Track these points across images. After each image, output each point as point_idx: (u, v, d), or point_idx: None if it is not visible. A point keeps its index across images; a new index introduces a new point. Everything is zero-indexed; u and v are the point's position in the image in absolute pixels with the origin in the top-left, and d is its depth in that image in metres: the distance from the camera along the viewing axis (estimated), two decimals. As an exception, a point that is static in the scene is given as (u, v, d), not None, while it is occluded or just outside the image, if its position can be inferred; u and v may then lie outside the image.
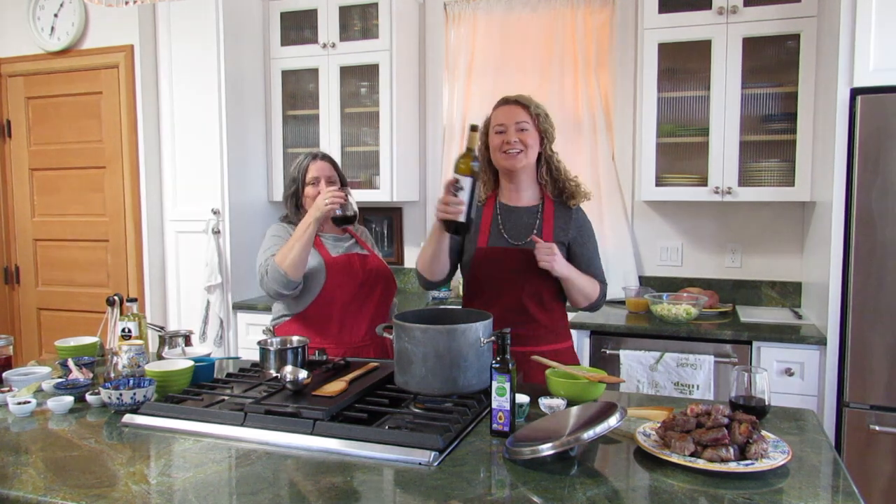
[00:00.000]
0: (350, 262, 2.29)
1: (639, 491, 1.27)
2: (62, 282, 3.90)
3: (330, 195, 2.10)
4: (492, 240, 2.14)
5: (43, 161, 3.88)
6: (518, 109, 2.11)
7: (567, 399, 1.71)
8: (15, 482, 1.33)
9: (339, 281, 2.24)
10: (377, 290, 2.33)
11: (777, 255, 3.36)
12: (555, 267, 1.97)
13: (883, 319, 2.56)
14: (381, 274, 2.35)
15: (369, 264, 2.34)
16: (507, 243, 2.11)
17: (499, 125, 2.11)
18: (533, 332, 2.10)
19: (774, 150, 3.11)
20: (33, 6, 3.73)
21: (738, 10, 3.01)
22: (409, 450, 1.43)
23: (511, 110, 2.11)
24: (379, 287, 2.33)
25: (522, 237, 2.11)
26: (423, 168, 3.92)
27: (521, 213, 2.15)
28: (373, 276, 2.32)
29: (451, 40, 3.81)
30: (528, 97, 2.14)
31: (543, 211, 2.14)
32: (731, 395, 1.61)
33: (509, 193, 2.18)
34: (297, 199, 2.34)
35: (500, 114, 2.13)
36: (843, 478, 1.34)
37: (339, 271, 2.25)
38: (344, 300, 2.25)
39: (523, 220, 2.14)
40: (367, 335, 2.29)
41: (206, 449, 1.50)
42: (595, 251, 2.18)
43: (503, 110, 2.13)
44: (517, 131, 2.09)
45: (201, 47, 3.51)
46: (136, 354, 1.92)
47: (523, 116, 2.10)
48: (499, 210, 2.17)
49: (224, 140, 3.52)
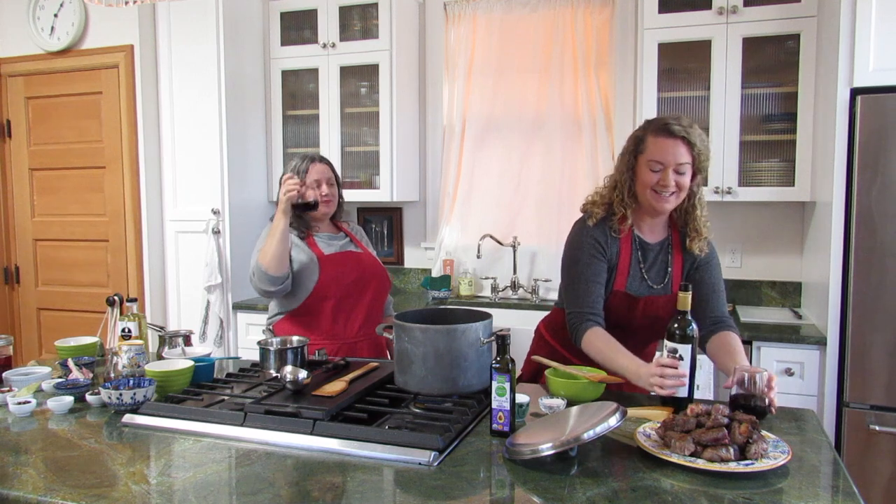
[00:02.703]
0: (344, 259, 2.32)
1: (639, 491, 1.27)
2: (62, 282, 3.90)
3: (287, 185, 2.15)
4: (632, 283, 1.92)
5: (43, 161, 3.88)
6: (681, 148, 1.82)
7: (567, 399, 1.71)
8: (15, 482, 1.33)
9: (332, 277, 2.26)
10: (371, 287, 2.35)
11: (777, 255, 3.36)
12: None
13: (883, 319, 2.56)
14: (375, 271, 2.38)
15: (363, 261, 2.36)
16: (650, 289, 1.92)
17: (657, 162, 1.83)
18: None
19: (774, 150, 3.11)
20: (33, 6, 3.73)
21: (738, 10, 3.01)
22: (409, 450, 1.43)
23: (674, 147, 1.82)
24: (373, 284, 2.36)
25: (660, 278, 1.94)
26: (423, 168, 3.92)
27: (655, 249, 1.96)
28: (367, 273, 2.34)
29: (451, 40, 3.81)
30: (692, 128, 1.83)
31: (672, 245, 1.96)
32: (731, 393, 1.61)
33: (647, 229, 1.96)
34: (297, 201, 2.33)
35: (660, 147, 1.83)
36: (843, 478, 1.34)
37: (332, 268, 2.27)
38: (337, 296, 2.27)
39: (658, 258, 1.95)
40: (360, 331, 2.31)
41: (206, 449, 1.50)
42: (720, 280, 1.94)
43: (664, 144, 1.82)
44: (676, 174, 1.83)
45: (201, 47, 3.51)
46: (136, 354, 1.92)
47: (685, 157, 1.82)
48: (638, 246, 1.94)
49: (224, 140, 3.52)
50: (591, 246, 1.89)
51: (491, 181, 3.78)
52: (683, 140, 1.81)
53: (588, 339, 1.83)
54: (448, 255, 3.83)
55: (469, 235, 3.79)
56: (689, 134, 1.81)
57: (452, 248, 3.83)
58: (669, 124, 1.82)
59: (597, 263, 1.89)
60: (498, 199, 3.77)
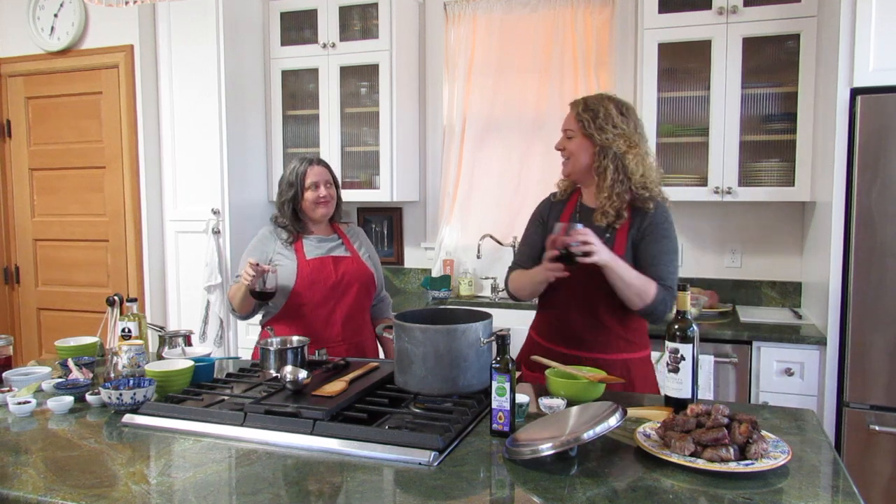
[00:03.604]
0: (322, 265, 2.35)
1: (639, 491, 1.27)
2: (62, 282, 3.90)
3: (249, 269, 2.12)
4: None
5: (43, 161, 3.88)
6: (570, 115, 2.04)
7: (567, 399, 1.71)
8: (15, 482, 1.33)
9: (307, 283, 2.30)
10: (351, 291, 2.37)
11: (777, 255, 3.36)
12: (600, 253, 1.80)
13: (883, 319, 2.56)
14: (358, 276, 2.39)
15: (344, 267, 2.38)
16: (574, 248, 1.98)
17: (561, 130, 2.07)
18: (603, 337, 2.01)
19: (774, 150, 3.11)
20: (33, 6, 3.73)
21: (738, 10, 3.01)
22: (409, 450, 1.43)
23: (567, 116, 2.05)
24: (353, 289, 2.38)
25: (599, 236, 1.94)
26: (423, 168, 3.92)
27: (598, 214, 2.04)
28: (347, 277, 2.36)
29: (451, 40, 3.81)
30: (585, 99, 2.03)
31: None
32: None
33: (587, 195, 2.09)
34: (296, 204, 2.37)
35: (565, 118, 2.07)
36: (843, 478, 1.33)
37: (308, 274, 2.31)
38: (314, 301, 2.31)
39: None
40: (339, 335, 2.35)
41: (206, 449, 1.50)
42: (667, 253, 1.96)
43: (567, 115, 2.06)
44: (565, 139, 2.04)
45: (201, 47, 3.50)
46: (136, 354, 1.93)
47: (570, 124, 2.03)
48: (578, 210, 2.09)
49: (224, 140, 3.52)
50: (534, 218, 2.20)
51: (491, 181, 3.78)
52: (573, 107, 2.03)
53: (511, 278, 2.16)
54: (448, 255, 3.83)
55: (469, 235, 3.79)
56: (578, 103, 2.02)
57: (452, 248, 3.83)
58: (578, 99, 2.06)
59: (532, 231, 2.18)
60: (498, 199, 3.77)
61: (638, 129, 2.01)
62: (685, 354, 1.65)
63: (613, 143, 1.96)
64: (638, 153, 1.97)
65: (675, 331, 1.67)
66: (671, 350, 1.67)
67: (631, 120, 2.00)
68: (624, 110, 2.00)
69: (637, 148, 1.97)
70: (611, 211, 1.97)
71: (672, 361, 1.67)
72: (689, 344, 1.66)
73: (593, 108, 1.98)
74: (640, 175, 1.96)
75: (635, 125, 2.01)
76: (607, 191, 1.97)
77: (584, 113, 1.99)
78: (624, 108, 2.01)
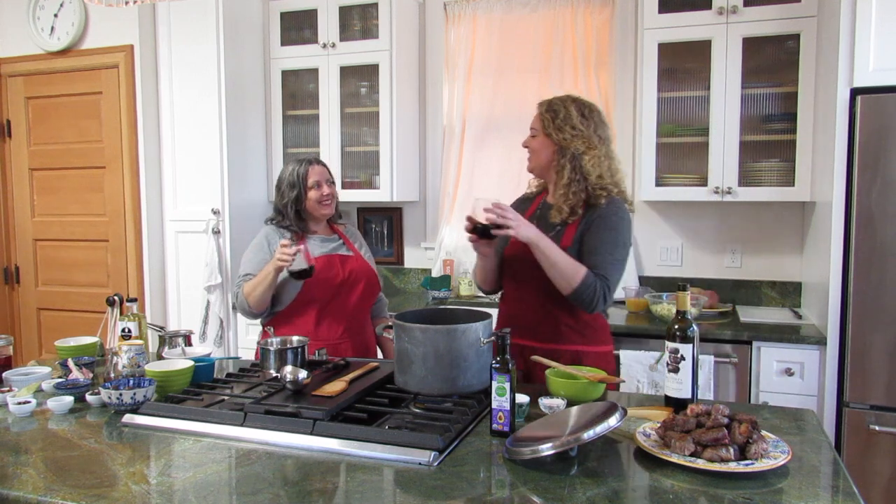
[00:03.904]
0: (330, 263, 2.37)
1: (639, 491, 1.27)
2: (62, 282, 3.90)
3: (281, 252, 2.14)
4: None
5: (43, 161, 3.88)
6: (535, 115, 2.12)
7: (567, 399, 1.71)
8: (15, 482, 1.33)
9: (317, 281, 2.30)
10: (357, 289, 2.40)
11: (777, 255, 3.36)
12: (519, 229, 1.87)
13: (883, 319, 2.56)
14: (363, 274, 2.43)
15: (350, 265, 2.41)
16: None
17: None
18: (553, 328, 2.04)
19: (774, 150, 3.11)
20: (33, 6, 3.73)
21: (738, 10, 3.01)
22: (409, 450, 1.43)
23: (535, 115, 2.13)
24: (359, 286, 2.41)
25: (548, 230, 2.03)
26: (423, 168, 3.92)
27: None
28: (353, 276, 2.40)
29: (451, 40, 3.81)
30: (550, 99, 2.10)
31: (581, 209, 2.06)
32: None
33: (551, 193, 2.15)
34: (299, 204, 2.38)
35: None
36: (843, 478, 1.34)
37: (319, 271, 2.30)
38: (323, 299, 2.33)
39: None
40: (345, 332, 2.37)
41: (206, 449, 1.50)
42: (608, 243, 1.98)
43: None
44: (530, 136, 2.12)
45: (201, 47, 3.51)
46: (136, 354, 1.93)
47: (535, 123, 2.11)
48: (540, 206, 2.16)
49: (224, 140, 3.52)
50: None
51: (491, 181, 3.78)
52: (538, 107, 2.11)
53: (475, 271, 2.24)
54: (448, 255, 3.83)
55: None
56: (543, 103, 2.10)
57: (452, 248, 3.83)
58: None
59: None
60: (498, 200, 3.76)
61: (598, 131, 2.05)
62: (685, 354, 1.66)
63: (571, 144, 2.02)
64: (596, 155, 2.02)
65: (675, 331, 1.67)
66: (671, 350, 1.67)
67: (592, 122, 2.05)
68: (586, 112, 2.05)
69: (595, 150, 2.02)
70: (565, 208, 2.03)
71: (672, 361, 1.67)
72: (689, 344, 1.66)
73: (555, 108, 2.06)
74: (597, 176, 2.01)
75: (596, 127, 2.05)
76: (563, 189, 2.03)
77: (546, 113, 2.07)
78: (586, 110, 2.06)
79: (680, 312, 1.68)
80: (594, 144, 2.02)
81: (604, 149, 2.05)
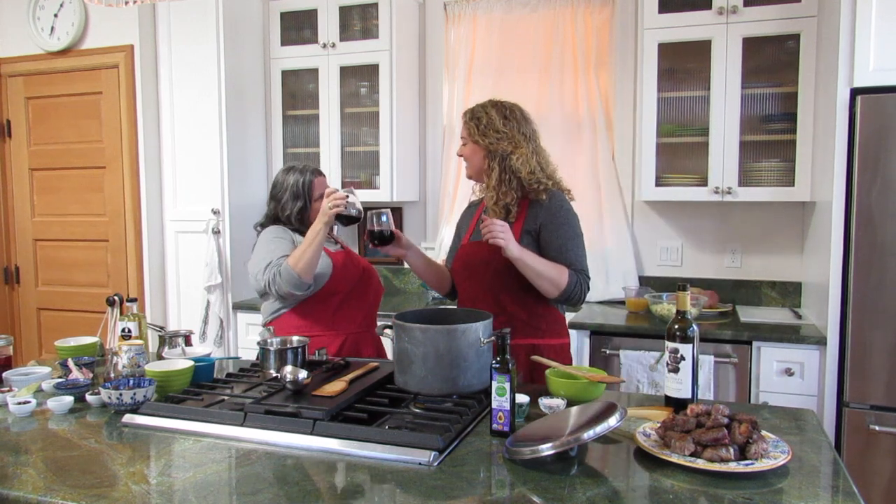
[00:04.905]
0: (349, 257, 2.44)
1: (639, 491, 1.27)
2: (62, 282, 3.90)
3: (332, 199, 2.15)
4: (475, 234, 2.19)
5: (43, 161, 3.88)
6: (462, 125, 2.19)
7: (567, 399, 1.71)
8: (15, 482, 1.33)
9: (343, 274, 2.36)
10: (372, 283, 2.49)
11: (777, 255, 3.36)
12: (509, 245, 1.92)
13: (883, 319, 2.56)
14: (373, 271, 2.54)
15: (362, 261, 2.52)
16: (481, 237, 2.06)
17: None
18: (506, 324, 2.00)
19: (774, 150, 3.11)
20: (33, 6, 3.73)
21: (738, 10, 3.01)
22: (409, 450, 1.43)
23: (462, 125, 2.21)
24: (373, 281, 2.51)
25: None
26: (423, 168, 3.92)
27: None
28: (367, 271, 2.49)
29: (451, 40, 3.81)
30: (473, 107, 2.18)
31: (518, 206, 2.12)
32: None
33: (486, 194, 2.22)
34: (304, 215, 2.42)
35: None
36: (843, 478, 1.34)
37: (342, 265, 2.37)
38: (345, 291, 2.38)
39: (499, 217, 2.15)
40: (363, 322, 2.42)
41: (206, 449, 1.50)
42: (571, 239, 2.08)
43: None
44: (461, 145, 2.20)
45: (201, 47, 3.51)
46: (136, 354, 1.92)
47: (463, 131, 2.18)
48: (486, 210, 2.20)
49: (224, 140, 3.52)
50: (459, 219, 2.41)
51: (491, 181, 3.78)
52: (462, 116, 2.19)
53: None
54: (448, 255, 3.83)
55: (469, 235, 3.79)
56: (467, 112, 2.17)
57: (452, 248, 3.83)
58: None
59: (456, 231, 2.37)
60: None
61: (522, 130, 2.13)
62: (685, 354, 1.66)
63: (498, 146, 2.09)
64: (523, 153, 2.09)
65: (675, 331, 1.67)
66: (671, 350, 1.68)
67: (514, 122, 2.12)
68: (507, 113, 2.13)
69: (522, 148, 2.10)
70: (497, 209, 2.10)
71: (672, 361, 1.68)
72: (689, 344, 1.66)
73: (478, 115, 2.14)
74: (529, 172, 2.08)
75: (519, 126, 2.12)
76: (493, 190, 2.11)
77: (470, 122, 2.15)
78: (507, 112, 2.13)
79: (680, 312, 1.68)
80: (520, 143, 2.10)
81: (531, 146, 2.13)
